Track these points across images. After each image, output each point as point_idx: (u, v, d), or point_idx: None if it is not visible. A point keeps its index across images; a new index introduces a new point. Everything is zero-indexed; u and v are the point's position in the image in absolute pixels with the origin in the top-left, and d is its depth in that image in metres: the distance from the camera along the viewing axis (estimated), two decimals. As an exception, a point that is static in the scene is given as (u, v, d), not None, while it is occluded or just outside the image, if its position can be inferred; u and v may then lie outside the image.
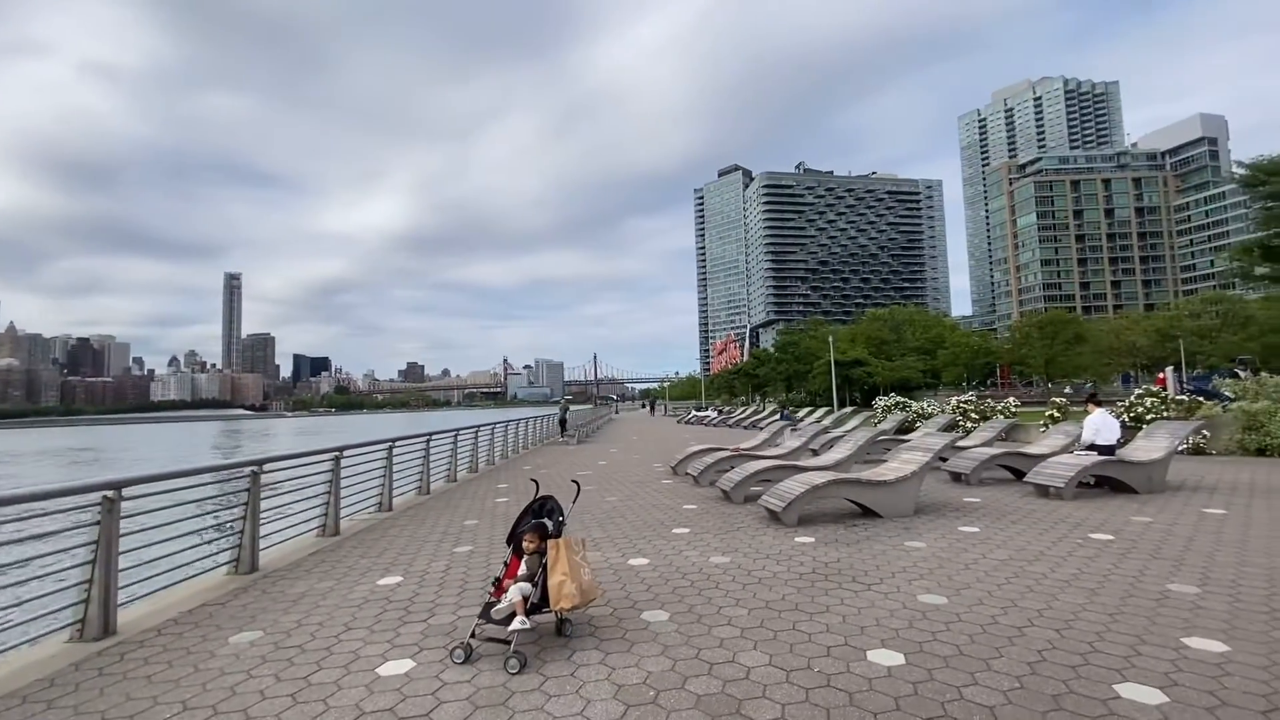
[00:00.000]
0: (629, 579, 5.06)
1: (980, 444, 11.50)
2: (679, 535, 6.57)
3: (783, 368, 61.37)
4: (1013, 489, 8.83)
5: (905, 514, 7.10)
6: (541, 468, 13.93)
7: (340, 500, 7.48)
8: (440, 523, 7.79)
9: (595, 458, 15.97)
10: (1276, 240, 19.73)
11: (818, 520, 7.02)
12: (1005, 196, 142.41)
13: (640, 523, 7.31)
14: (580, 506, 8.62)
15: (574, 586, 3.73)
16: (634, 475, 11.97)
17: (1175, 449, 8.39)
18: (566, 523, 4.16)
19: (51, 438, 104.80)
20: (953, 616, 3.99)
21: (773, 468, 8.51)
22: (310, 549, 6.56)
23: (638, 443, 21.46)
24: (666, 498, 9.06)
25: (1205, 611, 3.95)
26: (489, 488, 10.77)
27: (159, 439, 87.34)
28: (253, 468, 5.88)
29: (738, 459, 9.99)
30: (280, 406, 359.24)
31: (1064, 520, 6.73)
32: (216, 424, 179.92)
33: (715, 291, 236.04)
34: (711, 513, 7.79)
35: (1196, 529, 6.16)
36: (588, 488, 10.34)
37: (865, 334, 59.60)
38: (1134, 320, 57.66)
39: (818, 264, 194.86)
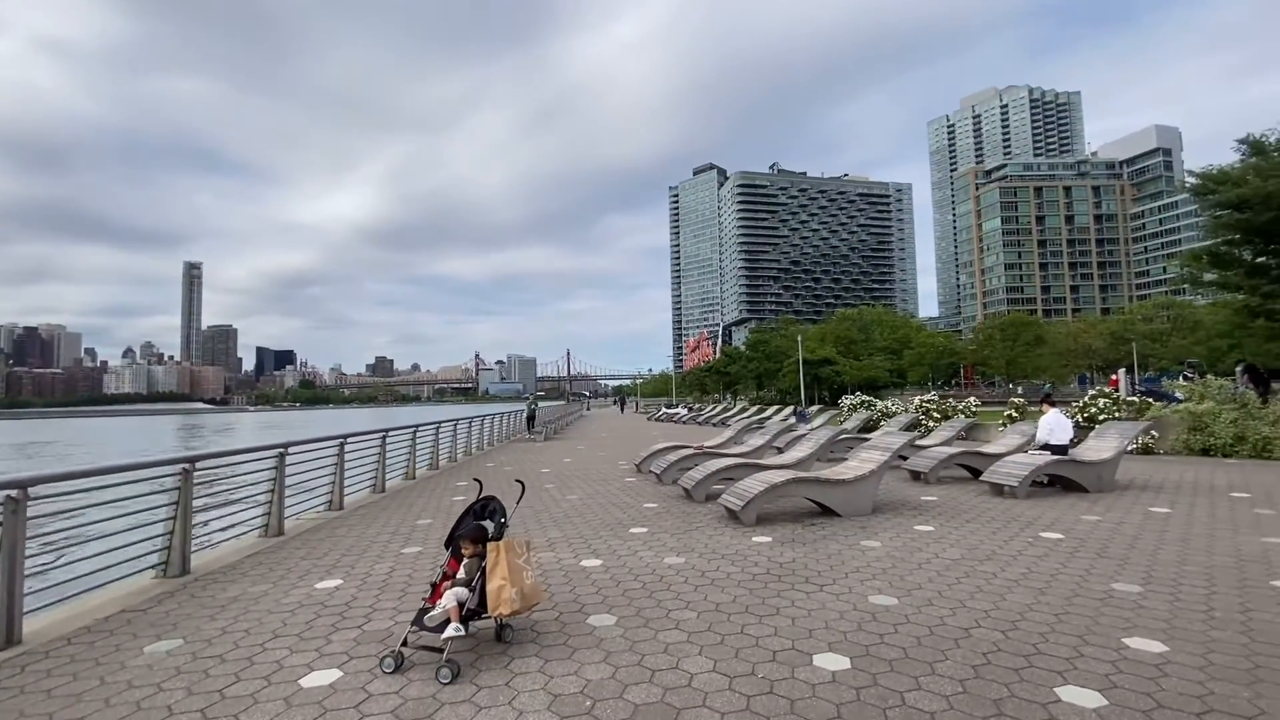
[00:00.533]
0: (579, 581, 4.93)
1: (939, 443, 11.65)
2: (636, 535, 6.46)
3: (753, 366, 61.82)
4: (970, 487, 8.94)
5: (863, 513, 7.11)
6: (505, 465, 13.69)
7: (284, 499, 7.17)
8: (392, 522, 7.55)
9: (561, 455, 15.78)
10: (1224, 248, 20.49)
11: (777, 519, 6.98)
12: (972, 201, 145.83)
13: (598, 522, 7.18)
14: (539, 505, 8.48)
15: (514, 591, 3.58)
16: (598, 473, 11.83)
17: (1125, 449, 8.58)
18: (509, 524, 3.99)
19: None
20: (902, 618, 3.95)
21: (734, 466, 8.46)
22: (250, 550, 6.27)
23: (605, 440, 21.32)
24: (628, 496, 8.94)
25: (1147, 611, 3.98)
26: (447, 485, 10.52)
27: (112, 433, 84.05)
28: (184, 465, 5.59)
29: (701, 457, 9.93)
30: (242, 400, 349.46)
31: (1016, 519, 6.80)
32: (174, 418, 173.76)
33: (689, 289, 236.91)
34: (671, 512, 7.69)
35: (1142, 528, 6.27)
36: (547, 485, 10.22)
37: (834, 333, 60.41)
38: (1090, 323, 59.62)
39: (790, 264, 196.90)
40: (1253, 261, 20.45)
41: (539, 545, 6.11)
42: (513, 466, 13.24)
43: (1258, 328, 21.07)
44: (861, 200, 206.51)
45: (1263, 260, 20.14)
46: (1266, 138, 19.82)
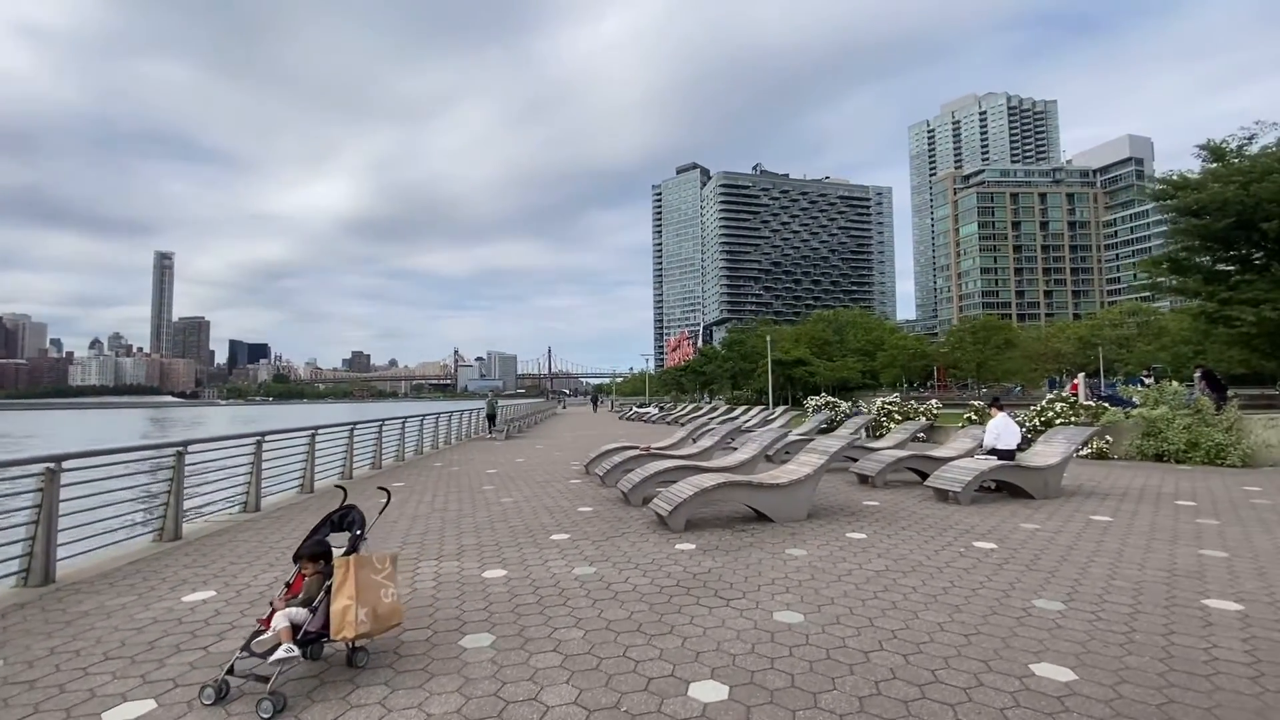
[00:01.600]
0: (472, 595, 4.55)
1: (892, 445, 11.45)
2: (555, 543, 6.09)
3: (729, 365, 61.78)
4: (915, 492, 8.72)
5: (798, 518, 6.82)
6: (452, 465, 13.24)
7: (182, 501, 6.68)
8: (307, 525, 7.07)
9: (516, 454, 15.36)
10: (1183, 254, 20.67)
11: (707, 525, 6.66)
12: (950, 205, 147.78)
13: (522, 528, 6.80)
14: (469, 509, 8.08)
15: (363, 612, 3.20)
16: (545, 474, 11.44)
17: (1072, 454, 8.42)
18: (367, 537, 3.60)
19: None
20: (802, 638, 3.63)
21: (673, 468, 8.13)
22: (134, 557, 5.80)
23: (568, 439, 20.91)
24: (565, 499, 8.57)
25: (1063, 632, 3.71)
26: (386, 486, 10.03)
27: (75, 425, 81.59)
28: (47, 465, 5.11)
29: (646, 458, 9.60)
30: (213, 394, 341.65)
31: (953, 526, 6.56)
32: (142, 411, 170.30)
33: (671, 288, 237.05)
34: (603, 517, 7.34)
35: (1079, 537, 6.06)
36: (487, 487, 9.81)
37: (809, 334, 60.59)
38: (1059, 328, 60.55)
39: (771, 264, 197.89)
40: (1211, 268, 20.67)
41: (449, 553, 5.74)
42: (460, 467, 12.79)
43: (1218, 334, 21.33)
44: (842, 203, 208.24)
45: (1221, 267, 20.36)
46: (1227, 143, 20.00)
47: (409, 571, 5.18)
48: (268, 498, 8.64)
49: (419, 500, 8.65)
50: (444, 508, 8.06)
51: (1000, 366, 56.05)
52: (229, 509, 7.96)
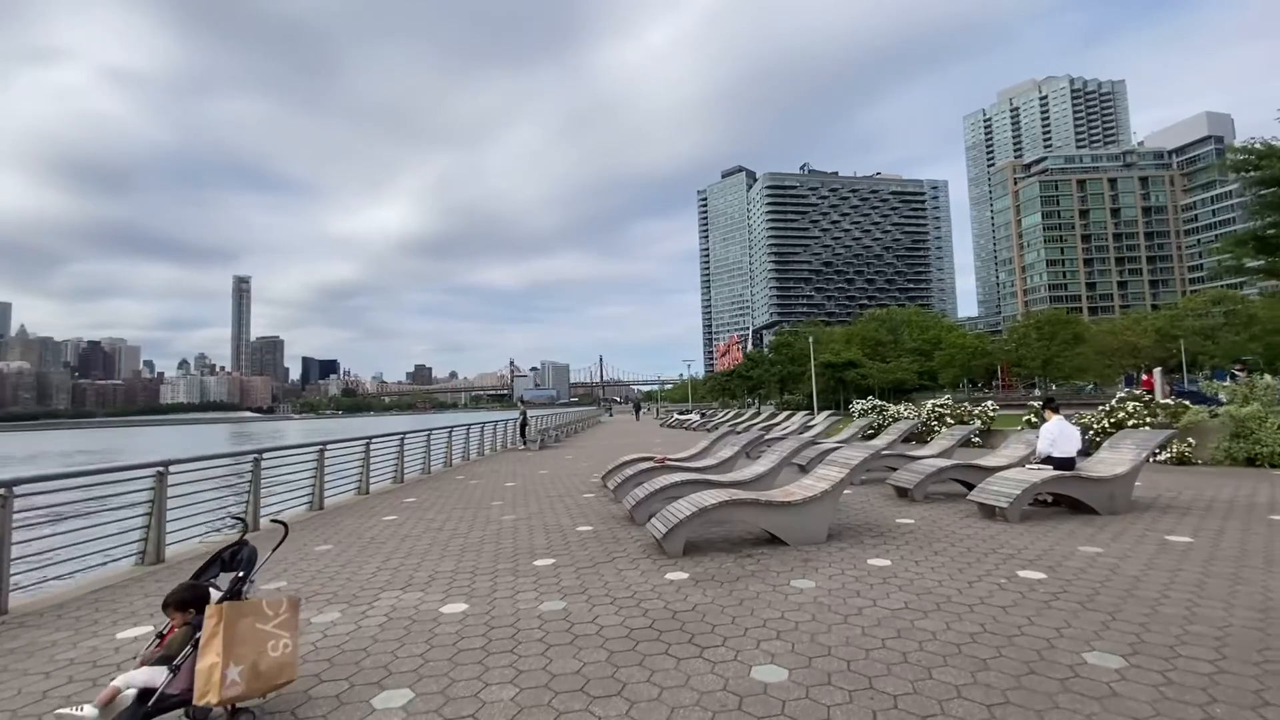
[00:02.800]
0: (416, 637, 4.03)
1: (936, 453, 10.39)
2: (535, 569, 5.53)
3: (777, 369, 60.14)
4: (959, 508, 7.74)
5: (815, 540, 6.04)
6: (475, 477, 12.91)
7: (164, 523, 6.48)
8: (295, 545, 6.77)
9: (542, 466, 14.95)
10: (1271, 230, 18.41)
11: (711, 548, 5.97)
12: (1010, 196, 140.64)
13: (510, 550, 6.28)
14: (466, 528, 7.62)
15: (235, 671, 2.72)
16: (562, 487, 10.94)
17: (1143, 462, 7.27)
18: (254, 580, 3.12)
19: (55, 440, 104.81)
20: (775, 707, 2.94)
21: (681, 482, 7.45)
22: (103, 584, 5.59)
23: (600, 448, 20.42)
24: (569, 517, 8.02)
25: (1119, 703, 2.88)
26: (394, 503, 9.75)
27: (164, 441, 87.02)
28: (1, 490, 4.91)
29: (660, 470, 8.95)
30: (288, 409, 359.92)
31: (997, 550, 5.65)
32: (224, 426, 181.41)
33: (719, 293, 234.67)
34: (600, 537, 6.74)
35: (1150, 565, 5.06)
36: (495, 503, 9.36)
37: (862, 335, 58.28)
38: (1135, 319, 56.09)
39: (822, 265, 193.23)
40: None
41: (418, 582, 5.25)
42: (479, 480, 12.44)
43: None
44: (895, 199, 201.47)
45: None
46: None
47: (365, 604, 4.71)
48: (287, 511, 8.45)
49: (418, 518, 8.26)
50: (440, 526, 7.64)
51: (1069, 363, 52.28)
52: (224, 530, 7.79)
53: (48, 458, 59.45)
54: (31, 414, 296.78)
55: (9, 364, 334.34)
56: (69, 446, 78.41)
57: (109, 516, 6.36)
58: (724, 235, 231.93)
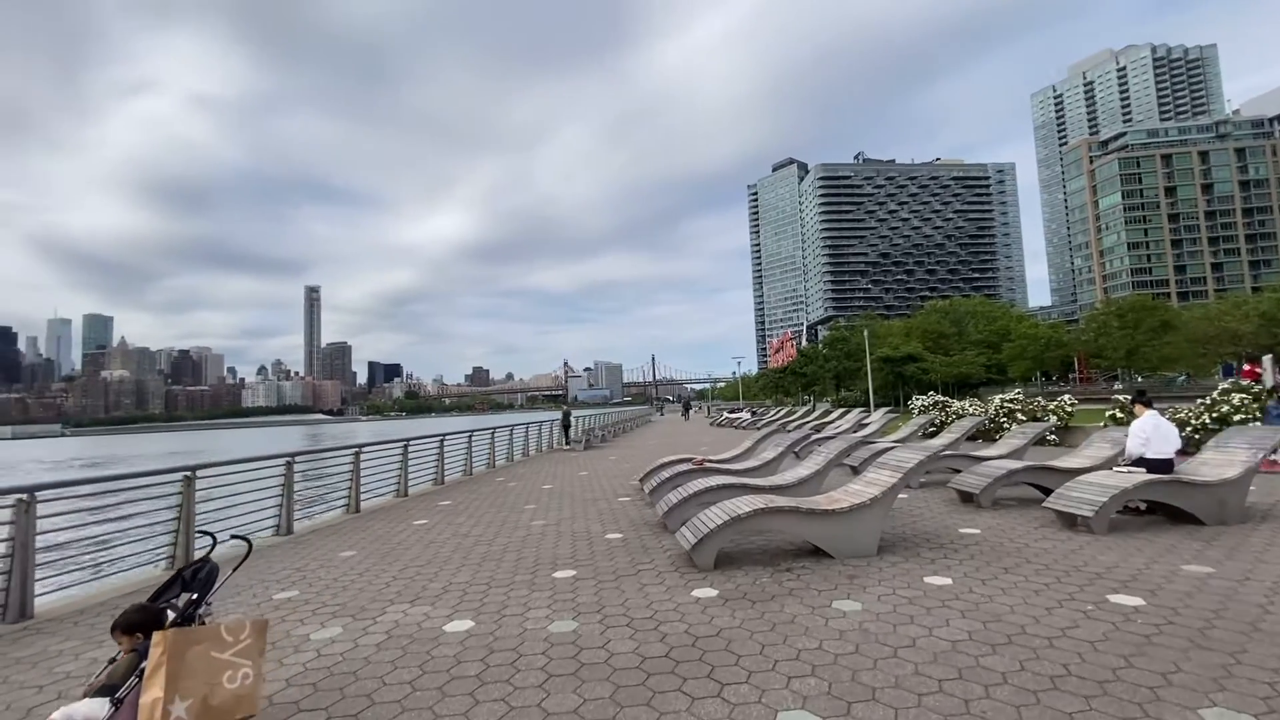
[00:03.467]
0: (409, 661, 3.68)
1: (1006, 454, 9.42)
2: (553, 582, 5.13)
3: (831, 365, 58.22)
4: (1033, 515, 6.89)
5: (865, 553, 5.40)
6: (515, 479, 12.71)
7: (192, 528, 6.43)
8: (321, 551, 6.63)
9: (583, 467, 14.64)
10: None
11: (748, 561, 5.43)
12: (1085, 176, 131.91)
13: (531, 560, 5.91)
14: (494, 533, 7.32)
15: (183, 706, 2.41)
16: (598, 490, 10.57)
17: (1258, 464, 6.25)
18: (211, 601, 2.82)
19: (152, 443, 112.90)
20: (802, 770, 2.41)
21: (718, 487, 6.92)
22: (134, 587, 5.59)
23: (645, 448, 19.99)
24: (599, 523, 7.60)
25: (1258, 787, 2.21)
26: (428, 507, 9.60)
27: (244, 442, 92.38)
28: (19, 496, 4.88)
29: (697, 473, 8.43)
30: (356, 411, 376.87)
31: (1081, 568, 4.87)
32: (299, 428, 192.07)
33: (772, 289, 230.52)
34: (629, 546, 6.29)
35: (1277, 590, 4.21)
36: (528, 506, 9.07)
37: (922, 328, 55.63)
38: (1234, 304, 51.17)
39: (879, 257, 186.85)
40: None
41: (430, 594, 4.94)
42: (518, 482, 12.22)
43: None
44: (957, 185, 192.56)
45: None
46: None
47: (370, 619, 4.42)
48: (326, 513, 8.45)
49: (448, 523, 8.03)
50: (467, 532, 7.37)
51: (1156, 353, 48.25)
52: (261, 532, 7.78)
53: (143, 459, 63.88)
54: (131, 418, 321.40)
55: (112, 373, 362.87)
56: (162, 449, 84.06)
57: (143, 520, 6.39)
58: (775, 230, 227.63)
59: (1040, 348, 52.30)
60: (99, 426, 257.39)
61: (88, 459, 66.40)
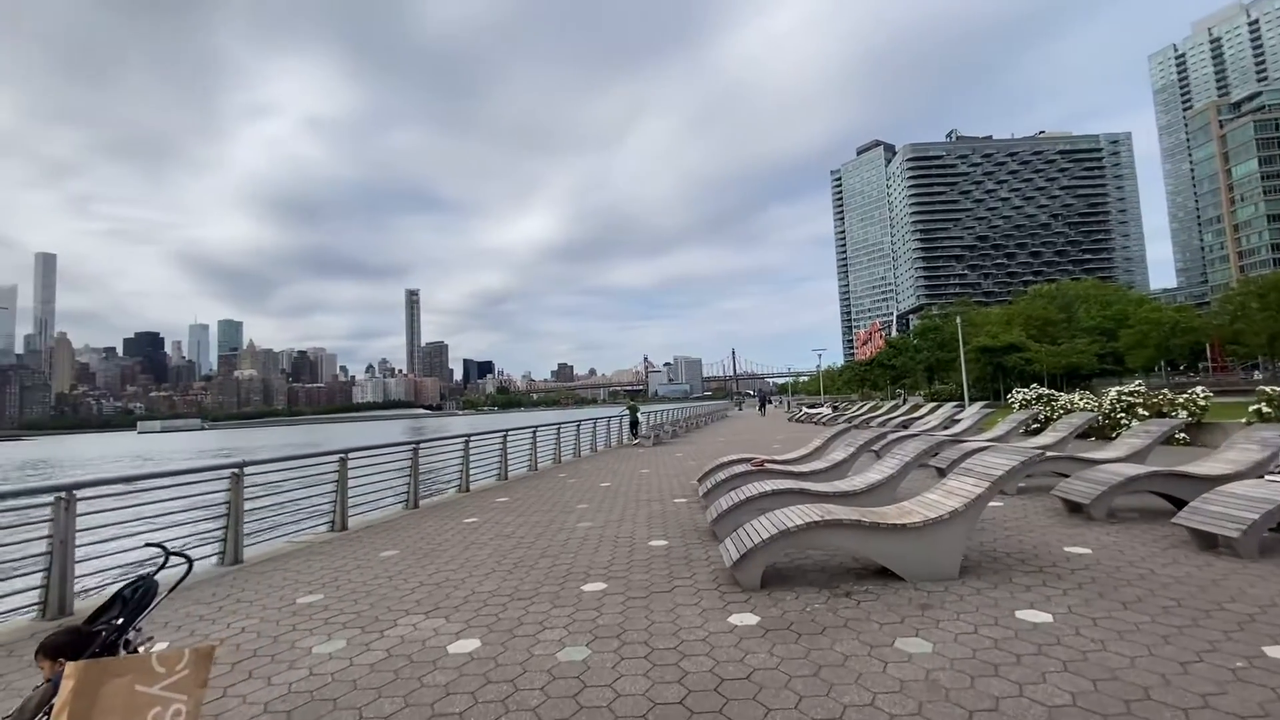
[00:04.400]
0: (398, 686, 3.31)
1: (1125, 456, 8.05)
2: (579, 597, 4.67)
3: (923, 356, 54.70)
4: (1159, 533, 5.74)
5: (943, 575, 4.58)
6: (576, 475, 12.44)
7: (242, 523, 6.48)
8: (363, 550, 6.52)
9: (646, 464, 14.18)
10: None
11: (799, 579, 4.74)
12: (1215, 143, 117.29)
13: (565, 569, 5.48)
14: (536, 535, 6.97)
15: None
16: (656, 490, 10.07)
17: None
18: (140, 627, 2.52)
19: (276, 435, 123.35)
20: None
21: (774, 492, 6.22)
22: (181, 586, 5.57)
23: (716, 445, 19.27)
24: (647, 528, 7.09)
25: None
26: (484, 504, 9.45)
27: (354, 434, 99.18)
28: (59, 494, 4.95)
29: (756, 475, 7.74)
30: (452, 406, 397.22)
31: (1225, 605, 3.86)
32: (401, 421, 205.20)
33: (858, 277, 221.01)
34: (671, 556, 5.74)
35: None
36: (580, 505, 8.70)
37: (1025, 314, 51.05)
38: None
39: (975, 240, 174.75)
40: None
41: (449, 605, 4.61)
42: (578, 479, 11.92)
43: None
44: (1064, 159, 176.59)
45: None
46: None
47: (378, 632, 4.12)
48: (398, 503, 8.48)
49: (495, 522, 7.78)
50: (510, 533, 7.07)
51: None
52: (317, 528, 7.85)
53: (266, 449, 69.72)
54: (259, 413, 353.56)
55: (243, 372, 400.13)
56: (282, 441, 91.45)
57: (193, 516, 6.50)
58: (861, 216, 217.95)
59: (1164, 334, 46.45)
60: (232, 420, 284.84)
61: (221, 449, 73.01)
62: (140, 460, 56.40)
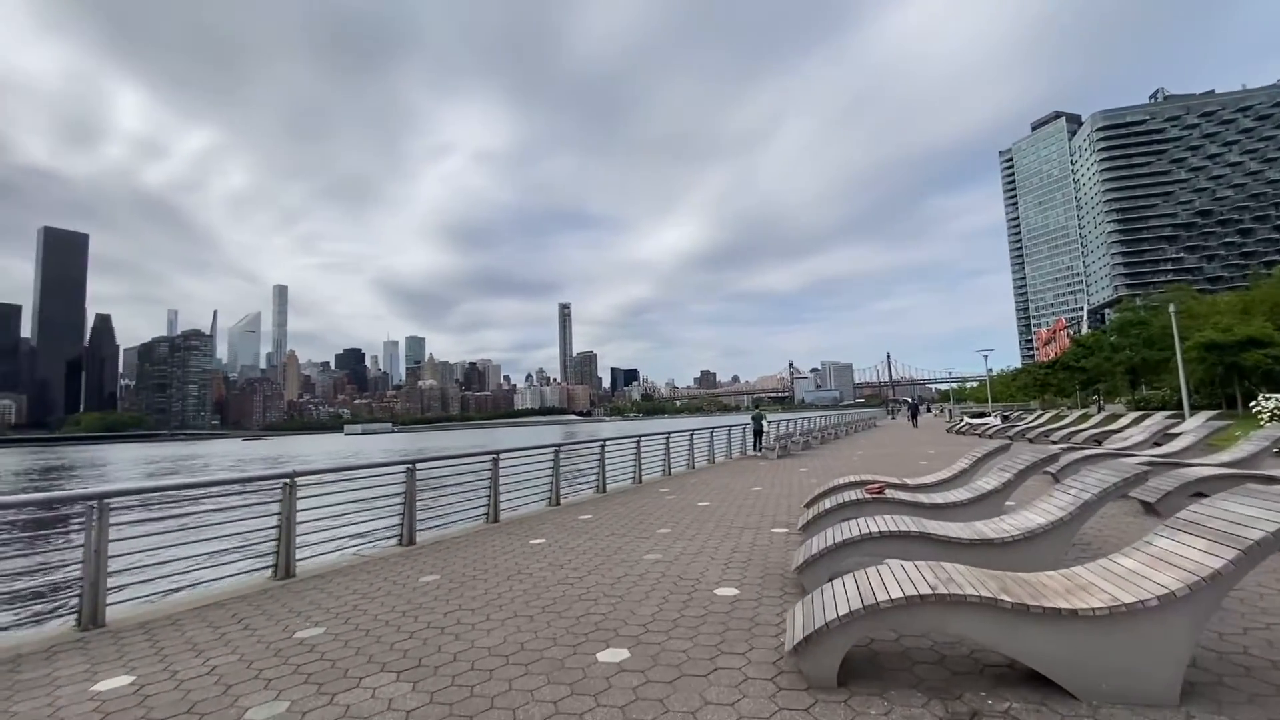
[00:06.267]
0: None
1: None
2: (585, 671, 3.53)
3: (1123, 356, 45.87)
4: None
5: (1150, 697, 2.80)
6: (677, 490, 11.28)
7: (294, 537, 6.18)
8: (400, 574, 5.94)
9: (762, 480, 12.60)
10: None
11: (901, 675, 3.20)
12: None
13: (594, 621, 4.37)
14: (598, 562, 5.92)
15: None
16: (758, 514, 8.60)
17: None
18: None
19: (449, 439, 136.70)
20: None
21: (882, 535, 4.60)
22: (228, 595, 5.40)
23: (848, 461, 17.01)
24: (720, 568, 5.73)
25: None
26: (564, 521, 8.65)
27: (516, 436, 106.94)
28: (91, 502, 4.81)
29: (872, 504, 6.04)
30: (601, 412, 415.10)
31: None
32: (557, 426, 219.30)
33: (1037, 268, 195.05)
34: (729, 617, 4.38)
35: None
36: (661, 530, 7.55)
37: (1271, 301, 40.72)
38: None
39: (1193, 217, 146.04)
40: None
41: (436, 663, 3.72)
42: (678, 495, 10.75)
43: None
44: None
45: None
46: None
47: (328, 698, 3.31)
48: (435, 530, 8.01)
49: (559, 547, 6.88)
50: (564, 562, 6.11)
51: None
52: (387, 540, 7.52)
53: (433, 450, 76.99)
54: (438, 418, 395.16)
55: (425, 382, 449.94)
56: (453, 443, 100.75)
57: (246, 526, 6.34)
58: (1039, 198, 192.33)
59: None
60: (416, 425, 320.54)
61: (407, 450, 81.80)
62: (349, 454, 64.28)
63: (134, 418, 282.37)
